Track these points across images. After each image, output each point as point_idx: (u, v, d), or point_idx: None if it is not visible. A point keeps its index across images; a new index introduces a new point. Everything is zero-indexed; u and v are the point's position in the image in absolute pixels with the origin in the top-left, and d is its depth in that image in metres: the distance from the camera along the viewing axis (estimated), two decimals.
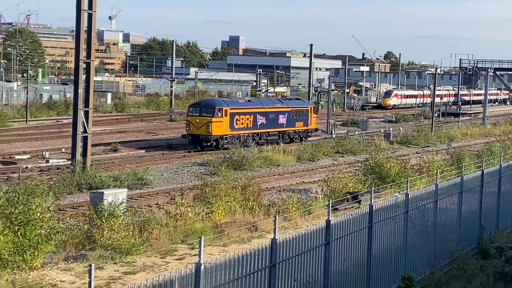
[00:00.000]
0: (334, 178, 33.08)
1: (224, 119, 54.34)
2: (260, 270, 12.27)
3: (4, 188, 20.85)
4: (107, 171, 39.62)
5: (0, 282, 17.60)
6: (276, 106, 62.34)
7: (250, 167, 43.62)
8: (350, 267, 15.53)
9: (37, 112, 77.82)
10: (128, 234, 21.47)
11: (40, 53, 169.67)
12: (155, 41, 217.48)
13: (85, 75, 39.71)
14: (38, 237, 19.13)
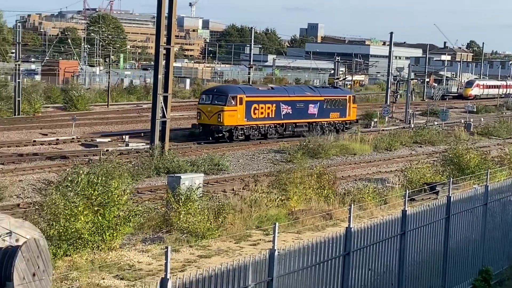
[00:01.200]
0: (412, 168, 32.73)
1: (239, 108, 49.57)
2: (334, 258, 12.24)
3: (85, 170, 21.27)
4: (184, 156, 40.06)
5: (80, 261, 18.04)
6: (306, 94, 57.10)
7: (326, 155, 43.47)
8: (426, 258, 15.34)
9: (118, 96, 79.16)
10: (204, 218, 21.69)
11: (122, 38, 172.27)
12: (234, 28, 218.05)
13: (165, 61, 40.22)
14: (117, 218, 19.52)
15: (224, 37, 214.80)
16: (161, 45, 39.68)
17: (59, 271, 16.88)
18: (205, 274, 9.76)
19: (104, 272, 17.45)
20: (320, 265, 11.90)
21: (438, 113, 74.59)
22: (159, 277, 10.24)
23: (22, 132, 49.73)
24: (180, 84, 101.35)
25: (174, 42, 40.78)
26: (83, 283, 16.49)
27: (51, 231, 18.05)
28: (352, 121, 60.70)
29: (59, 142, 46.02)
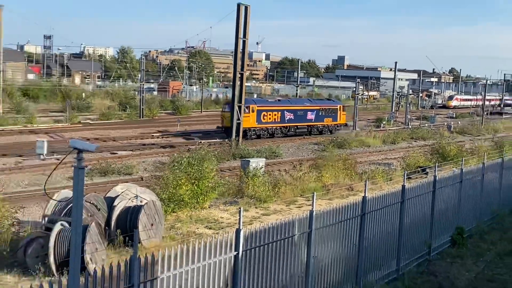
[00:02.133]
0: (409, 156, 32.33)
1: (251, 115, 45.81)
2: (354, 217, 12.16)
3: (186, 155, 21.56)
4: (252, 146, 40.21)
5: (182, 216, 18.31)
6: (305, 104, 53.10)
7: (349, 146, 43.03)
8: (418, 219, 15.11)
9: (208, 105, 80.00)
10: (265, 189, 21.79)
11: (211, 66, 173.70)
12: (286, 59, 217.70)
13: (239, 82, 40.39)
14: (207, 188, 19.75)
15: (280, 65, 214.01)
16: (237, 71, 39.91)
17: (168, 223, 17.17)
18: (266, 226, 9.81)
19: (198, 224, 17.68)
20: (344, 222, 11.83)
21: (428, 118, 73.33)
22: (234, 227, 10.32)
23: (145, 129, 50.59)
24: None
25: (246, 69, 40.89)
26: (184, 230, 16.74)
27: (163, 195, 18.36)
28: (342, 124, 56.40)
29: (169, 136, 46.71)
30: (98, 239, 12.71)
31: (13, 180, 26.11)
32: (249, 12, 39.39)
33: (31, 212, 19.81)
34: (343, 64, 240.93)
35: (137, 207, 15.29)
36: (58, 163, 28.17)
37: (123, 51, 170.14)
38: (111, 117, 58.26)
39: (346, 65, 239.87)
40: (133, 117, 61.12)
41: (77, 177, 6.17)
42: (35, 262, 12.60)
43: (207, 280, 8.49)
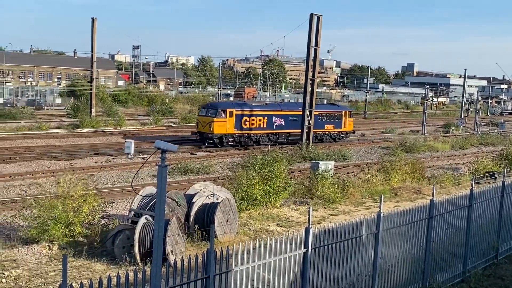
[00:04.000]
0: (478, 161, 30.97)
1: (228, 120, 39.87)
2: (421, 220, 11.82)
3: (260, 156, 21.70)
4: (321, 149, 39.90)
5: (255, 214, 18.44)
6: (299, 109, 43.34)
7: (417, 151, 41.79)
8: (486, 223, 14.47)
9: None
10: (334, 190, 21.55)
11: (283, 74, 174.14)
12: (356, 66, 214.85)
13: (310, 88, 40.22)
14: (278, 187, 19.78)
15: (349, 72, 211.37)
16: (309, 78, 39.74)
17: (242, 219, 17.34)
18: (334, 226, 9.72)
19: (269, 221, 17.75)
20: (412, 224, 11.53)
21: (497, 124, 70.05)
22: (304, 226, 10.29)
23: None
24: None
25: (317, 76, 40.64)
26: (256, 227, 16.84)
27: (237, 194, 18.55)
28: (348, 131, 49.21)
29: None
30: (178, 232, 13.03)
31: (104, 177, 27.24)
32: (321, 21, 39.18)
33: (119, 206, 20.59)
34: (413, 71, 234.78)
35: (213, 204, 15.56)
36: (143, 162, 29.23)
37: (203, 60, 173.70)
38: (191, 121, 59.58)
39: (416, 72, 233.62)
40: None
41: (161, 175, 6.36)
42: (122, 252, 13.08)
43: (277, 275, 8.51)
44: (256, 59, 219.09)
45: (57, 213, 14.23)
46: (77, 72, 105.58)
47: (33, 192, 21.88)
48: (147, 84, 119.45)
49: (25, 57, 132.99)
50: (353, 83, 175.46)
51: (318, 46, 39.42)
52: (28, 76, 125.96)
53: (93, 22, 50.43)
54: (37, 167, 29.22)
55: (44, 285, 11.18)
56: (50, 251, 13.69)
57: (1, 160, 30.24)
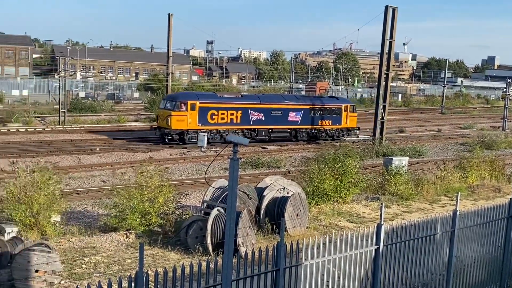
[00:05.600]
0: None
1: (190, 113, 35.22)
2: (500, 219, 11.30)
3: (332, 151, 21.54)
4: (395, 145, 39.00)
5: (325, 209, 18.34)
6: (284, 102, 39.67)
7: (497, 148, 39.89)
8: None
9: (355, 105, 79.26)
10: (408, 187, 21.05)
11: (356, 67, 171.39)
12: (433, 59, 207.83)
13: (384, 82, 39.36)
14: (349, 183, 19.56)
15: (426, 66, 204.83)
16: (383, 71, 38.90)
17: (312, 214, 17.29)
18: (407, 223, 9.50)
19: (340, 217, 17.59)
20: (490, 223, 11.05)
21: None
22: (375, 223, 10.12)
23: None
24: (394, 97, 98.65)
25: (391, 69, 39.68)
26: (327, 222, 16.75)
27: (308, 189, 18.51)
28: (350, 128, 43.33)
29: None
30: (249, 224, 13.20)
31: (178, 169, 28.01)
32: (396, 14, 38.20)
33: (192, 198, 21.12)
34: (493, 64, 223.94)
35: (284, 198, 15.62)
36: (216, 155, 29.72)
37: (275, 54, 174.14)
38: None
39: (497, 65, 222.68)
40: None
41: (233, 168, 6.46)
42: (195, 242, 13.42)
43: (348, 270, 8.44)
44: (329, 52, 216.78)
45: (135, 203, 14.80)
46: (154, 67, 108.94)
47: (112, 182, 22.85)
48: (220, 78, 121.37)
49: (105, 52, 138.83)
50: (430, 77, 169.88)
51: (393, 39, 38.48)
52: (108, 71, 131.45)
53: (169, 18, 51.78)
54: (116, 158, 30.48)
55: (121, 271, 11.68)
56: (127, 239, 14.27)
57: (82, 151, 31.79)
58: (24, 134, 38.44)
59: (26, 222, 14.11)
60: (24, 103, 57.10)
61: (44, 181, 14.52)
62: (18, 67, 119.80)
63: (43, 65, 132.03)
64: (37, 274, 10.42)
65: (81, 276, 11.39)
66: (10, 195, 14.53)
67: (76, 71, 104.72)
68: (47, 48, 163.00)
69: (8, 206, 14.39)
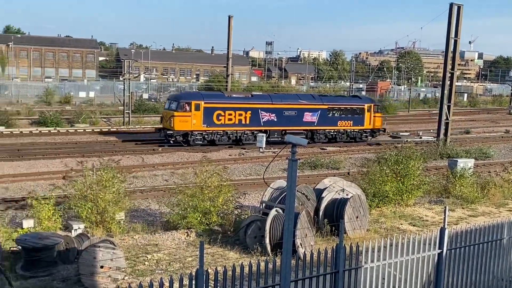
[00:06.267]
0: None
1: (194, 114, 33.91)
2: None
3: (394, 152, 21.11)
4: (460, 146, 37.75)
5: (386, 211, 18.02)
6: (299, 102, 37.62)
7: None
8: None
9: (415, 105, 77.29)
10: (473, 190, 20.35)
11: (420, 66, 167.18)
12: (501, 58, 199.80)
13: (449, 81, 38.21)
14: (411, 185, 19.13)
15: (493, 64, 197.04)
16: (447, 70, 37.75)
17: (373, 217, 17.03)
18: (472, 227, 9.20)
19: (401, 220, 17.24)
20: None
21: None
22: (439, 226, 9.86)
23: None
24: (459, 97, 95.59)
25: (456, 68, 38.43)
26: (388, 225, 16.46)
27: (368, 190, 18.25)
28: (375, 129, 40.86)
29: None
30: (307, 226, 13.17)
31: (237, 169, 28.30)
32: (461, 11, 36.99)
33: (251, 198, 21.28)
34: None
35: (343, 199, 15.47)
36: (275, 156, 29.82)
37: (335, 54, 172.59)
38: None
39: None
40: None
41: (291, 169, 6.48)
42: (253, 242, 13.52)
43: (409, 274, 8.27)
44: (391, 51, 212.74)
45: (196, 202, 15.09)
46: (214, 68, 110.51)
47: (173, 181, 23.38)
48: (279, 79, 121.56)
49: (167, 55, 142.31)
50: (497, 76, 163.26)
51: (458, 37, 37.26)
52: (170, 73, 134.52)
53: (229, 20, 52.38)
54: (177, 158, 31.16)
55: (182, 269, 11.93)
56: (188, 238, 14.57)
57: (145, 151, 32.69)
58: (90, 134, 39.97)
59: (92, 219, 14.68)
60: (91, 104, 59.33)
61: (108, 179, 15.05)
62: (85, 70, 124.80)
63: (108, 67, 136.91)
64: (102, 270, 10.80)
65: (144, 272, 11.73)
66: (78, 193, 15.15)
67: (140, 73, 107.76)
68: (112, 51, 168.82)
69: (75, 203, 15.01)
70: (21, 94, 64.18)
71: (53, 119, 42.74)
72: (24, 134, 38.31)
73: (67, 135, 39.18)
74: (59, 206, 15.61)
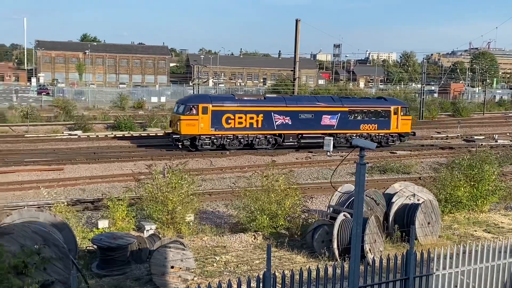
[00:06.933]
0: None
1: (202, 117, 32.81)
2: None
3: (467, 157, 20.36)
4: None
5: (460, 218, 17.40)
6: (316, 104, 35.75)
7: None
8: None
9: (490, 107, 74.25)
10: None
11: (495, 67, 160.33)
12: None
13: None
14: (486, 191, 18.37)
15: None
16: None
17: (445, 223, 16.48)
18: None
19: (475, 226, 16.58)
20: None
21: None
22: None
23: (423, 130, 49.32)
24: None
25: None
26: (461, 232, 15.88)
27: (440, 196, 17.69)
28: (402, 133, 38.21)
29: (448, 138, 44.73)
30: (376, 231, 12.93)
31: (304, 173, 28.22)
32: None
33: (318, 202, 21.15)
34: None
35: (414, 205, 15.08)
36: (342, 159, 29.59)
37: (405, 55, 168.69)
38: None
39: None
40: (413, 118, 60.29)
41: (359, 173, 6.40)
42: (321, 247, 13.43)
43: (483, 283, 7.94)
44: (464, 52, 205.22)
45: (263, 205, 15.19)
46: (281, 72, 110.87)
47: (241, 184, 23.64)
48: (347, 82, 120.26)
49: (235, 59, 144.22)
50: None
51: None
52: (237, 77, 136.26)
53: (296, 24, 52.39)
54: (244, 161, 31.48)
55: (250, 271, 12.03)
56: (255, 241, 14.68)
57: (214, 154, 33.25)
58: (161, 138, 41.16)
59: (163, 220, 15.10)
60: (162, 109, 61.07)
61: (177, 181, 15.43)
62: (156, 76, 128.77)
63: (179, 73, 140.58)
64: (172, 270, 11.08)
65: (213, 274, 11.92)
66: (149, 194, 15.64)
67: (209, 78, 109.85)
68: (182, 57, 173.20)
69: (147, 204, 15.49)
70: (97, 99, 67.02)
71: (126, 124, 44.32)
72: (100, 138, 39.97)
73: (139, 138, 40.49)
74: (132, 207, 16.17)
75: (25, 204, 19.37)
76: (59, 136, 40.02)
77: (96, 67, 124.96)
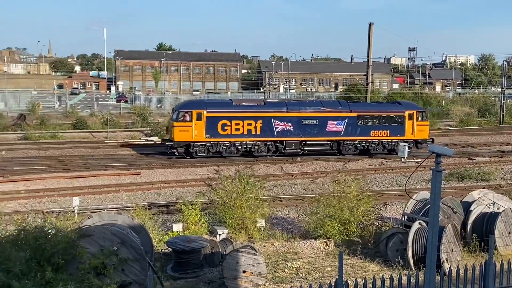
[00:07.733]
0: None
1: (196, 124, 31.67)
2: None
3: None
4: None
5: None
6: (320, 110, 33.75)
7: None
8: None
9: None
10: None
11: None
12: None
13: None
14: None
15: None
16: None
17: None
18: None
19: None
20: None
21: None
22: None
23: (504, 136, 46.99)
24: None
25: None
26: None
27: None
28: (419, 140, 35.26)
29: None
30: (453, 240, 12.48)
31: (377, 179, 27.68)
32: None
33: (392, 209, 20.68)
34: None
35: (493, 213, 14.44)
36: (417, 166, 28.79)
37: (484, 58, 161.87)
38: (470, 124, 56.15)
39: None
40: (492, 123, 57.63)
41: (435, 180, 6.22)
42: (395, 255, 13.13)
43: None
44: None
45: (333, 211, 15.06)
46: (353, 77, 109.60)
47: (312, 190, 23.51)
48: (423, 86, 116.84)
49: (306, 65, 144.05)
50: None
51: None
52: (308, 83, 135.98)
53: (369, 28, 51.63)
54: (315, 167, 31.32)
55: (321, 278, 11.95)
56: (327, 248, 14.56)
57: (285, 161, 33.32)
58: None
59: (235, 225, 15.31)
60: None
61: (244, 186, 15.61)
62: (228, 82, 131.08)
63: (250, 79, 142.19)
64: (244, 274, 11.21)
65: (284, 279, 11.94)
66: (219, 199, 15.91)
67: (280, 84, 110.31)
68: (254, 64, 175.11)
69: (219, 209, 15.77)
70: (172, 106, 69.06)
71: None
72: None
73: None
74: (204, 211, 16.51)
75: (104, 207, 20.27)
76: (136, 142, 41.52)
77: (171, 75, 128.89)
